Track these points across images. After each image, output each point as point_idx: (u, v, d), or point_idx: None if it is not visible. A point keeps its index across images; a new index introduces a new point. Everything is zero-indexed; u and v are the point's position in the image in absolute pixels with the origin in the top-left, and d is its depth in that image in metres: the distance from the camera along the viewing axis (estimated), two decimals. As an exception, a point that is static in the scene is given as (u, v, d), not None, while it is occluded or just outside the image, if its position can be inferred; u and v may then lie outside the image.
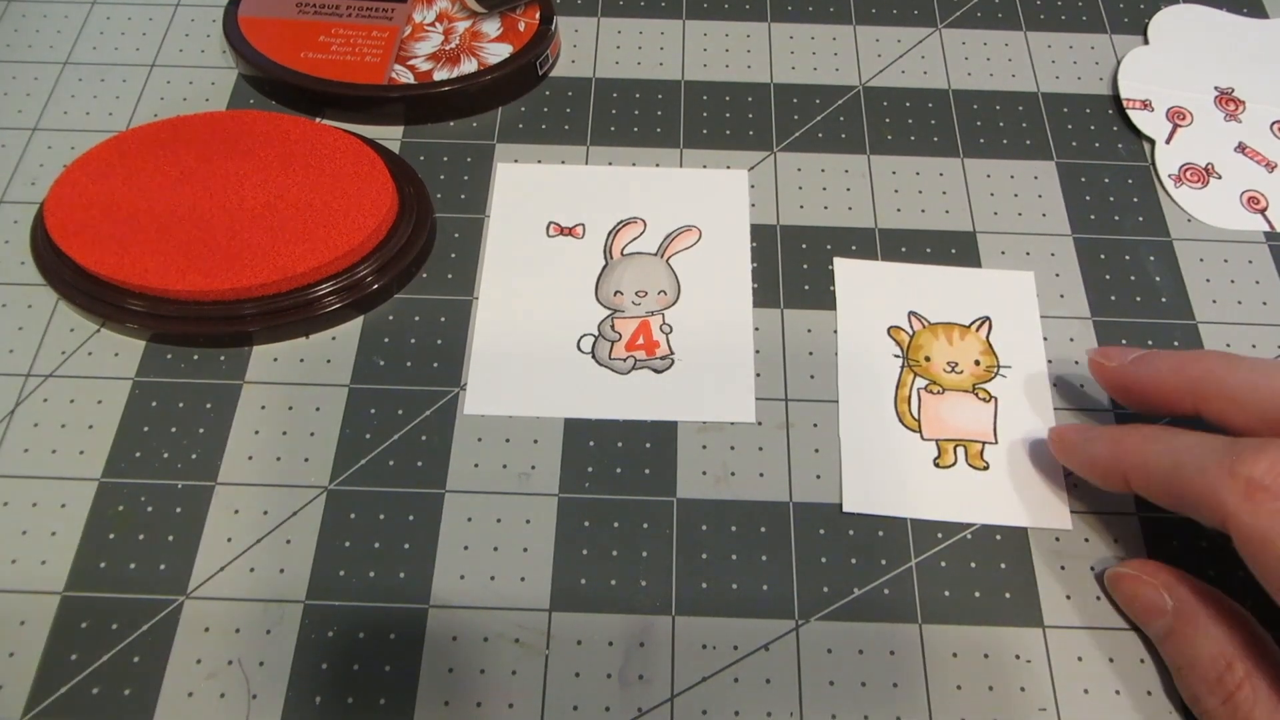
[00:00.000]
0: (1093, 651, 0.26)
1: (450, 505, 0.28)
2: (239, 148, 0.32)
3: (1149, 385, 0.26)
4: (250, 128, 0.32)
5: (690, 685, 0.25)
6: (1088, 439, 0.26)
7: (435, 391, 0.30)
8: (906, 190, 0.34)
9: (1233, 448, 0.23)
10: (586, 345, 0.30)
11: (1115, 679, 0.26)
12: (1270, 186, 0.34)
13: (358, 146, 0.32)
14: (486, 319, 0.31)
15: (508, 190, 0.34)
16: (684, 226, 0.33)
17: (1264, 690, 0.22)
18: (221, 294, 0.29)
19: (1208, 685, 0.23)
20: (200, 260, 0.29)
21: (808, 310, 0.31)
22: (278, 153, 0.32)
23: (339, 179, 0.31)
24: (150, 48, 0.37)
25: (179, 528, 0.27)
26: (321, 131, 0.32)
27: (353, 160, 0.32)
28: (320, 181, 0.31)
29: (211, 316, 0.30)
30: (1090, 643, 0.26)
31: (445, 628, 0.26)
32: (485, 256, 0.32)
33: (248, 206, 0.30)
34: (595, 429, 0.29)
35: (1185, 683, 0.24)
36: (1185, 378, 0.25)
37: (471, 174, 0.34)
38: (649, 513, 0.28)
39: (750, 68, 0.37)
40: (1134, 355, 0.27)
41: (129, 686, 0.25)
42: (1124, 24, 0.38)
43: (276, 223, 0.30)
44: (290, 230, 0.30)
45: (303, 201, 0.31)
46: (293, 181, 0.31)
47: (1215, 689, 0.23)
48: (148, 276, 0.29)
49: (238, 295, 0.29)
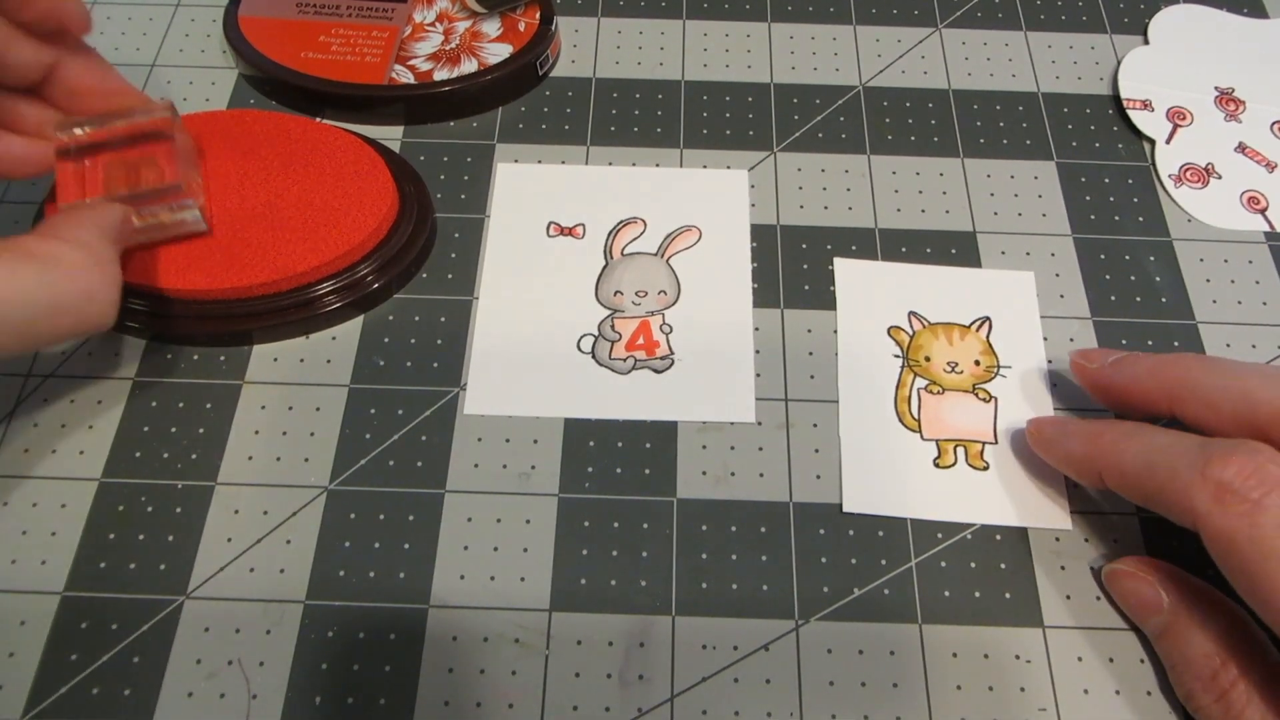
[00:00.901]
0: (1092, 652, 0.26)
1: (450, 505, 0.28)
2: (240, 147, 0.32)
3: (1127, 387, 0.26)
4: (251, 127, 0.32)
5: (690, 685, 0.25)
6: (1065, 434, 0.27)
7: (435, 391, 0.30)
8: (906, 190, 0.34)
9: (1204, 450, 0.23)
10: (587, 345, 0.30)
11: (1115, 679, 0.26)
12: (1270, 186, 0.34)
13: (358, 145, 0.32)
14: (486, 319, 0.31)
15: (508, 190, 0.34)
16: (684, 226, 0.33)
17: (1257, 689, 0.23)
18: (222, 293, 0.29)
19: (1201, 683, 0.24)
20: (201, 259, 0.29)
21: (808, 310, 0.31)
22: (278, 152, 0.32)
23: (339, 178, 0.31)
24: (150, 48, 0.37)
25: (179, 528, 0.27)
26: (322, 131, 0.32)
27: (353, 159, 0.32)
28: (321, 181, 0.31)
29: (212, 315, 0.30)
30: (1090, 643, 0.26)
31: (445, 628, 0.26)
32: (485, 257, 0.32)
33: (248, 206, 0.30)
34: (595, 429, 0.29)
35: (1179, 679, 0.24)
36: (1161, 380, 0.25)
37: (471, 174, 0.34)
38: (649, 513, 0.28)
39: (750, 68, 0.37)
40: (1114, 357, 0.27)
41: (129, 687, 0.25)
42: (1124, 24, 0.38)
43: (277, 222, 0.30)
44: (291, 229, 0.30)
45: (303, 201, 0.31)
46: (293, 181, 0.31)
47: (1209, 686, 0.23)
48: (148, 275, 0.29)
49: (238, 294, 0.29)
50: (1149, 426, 0.25)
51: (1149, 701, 0.25)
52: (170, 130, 0.28)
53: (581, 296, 0.31)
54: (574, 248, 0.32)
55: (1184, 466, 0.23)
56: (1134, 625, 0.26)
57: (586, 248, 0.32)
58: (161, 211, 0.28)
